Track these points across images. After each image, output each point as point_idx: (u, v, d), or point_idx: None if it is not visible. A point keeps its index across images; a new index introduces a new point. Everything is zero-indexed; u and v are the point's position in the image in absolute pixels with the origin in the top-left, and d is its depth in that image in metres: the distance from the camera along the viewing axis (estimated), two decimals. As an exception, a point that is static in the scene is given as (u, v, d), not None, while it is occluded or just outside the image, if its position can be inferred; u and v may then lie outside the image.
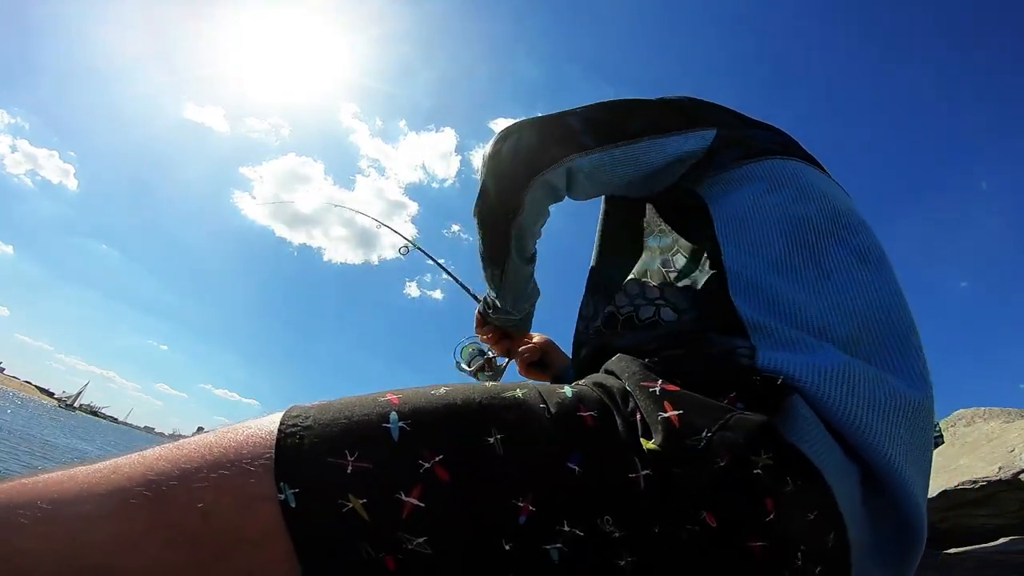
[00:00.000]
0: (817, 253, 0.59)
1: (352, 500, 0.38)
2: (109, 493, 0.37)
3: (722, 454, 0.42)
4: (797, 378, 0.48)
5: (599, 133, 0.67)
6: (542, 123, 0.69)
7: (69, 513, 0.36)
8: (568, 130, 0.68)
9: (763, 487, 0.43)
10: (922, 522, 0.50)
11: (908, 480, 0.49)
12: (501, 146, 0.69)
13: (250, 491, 0.38)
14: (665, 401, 0.45)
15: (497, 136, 0.71)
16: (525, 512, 0.40)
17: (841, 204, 0.67)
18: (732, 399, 0.46)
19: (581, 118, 0.69)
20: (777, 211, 0.63)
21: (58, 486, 0.37)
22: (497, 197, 0.71)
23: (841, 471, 0.46)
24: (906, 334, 0.57)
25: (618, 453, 0.43)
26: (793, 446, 0.45)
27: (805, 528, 0.44)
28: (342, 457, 0.39)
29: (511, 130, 0.70)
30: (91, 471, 0.39)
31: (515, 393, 0.46)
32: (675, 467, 0.42)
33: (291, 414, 0.42)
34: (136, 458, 0.40)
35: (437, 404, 0.43)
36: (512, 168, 0.69)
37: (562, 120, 0.69)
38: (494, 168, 0.70)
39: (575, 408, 0.46)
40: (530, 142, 0.68)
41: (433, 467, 0.39)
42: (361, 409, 0.43)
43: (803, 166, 0.69)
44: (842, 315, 0.55)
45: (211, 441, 0.40)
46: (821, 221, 0.63)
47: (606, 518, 0.40)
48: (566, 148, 0.67)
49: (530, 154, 0.68)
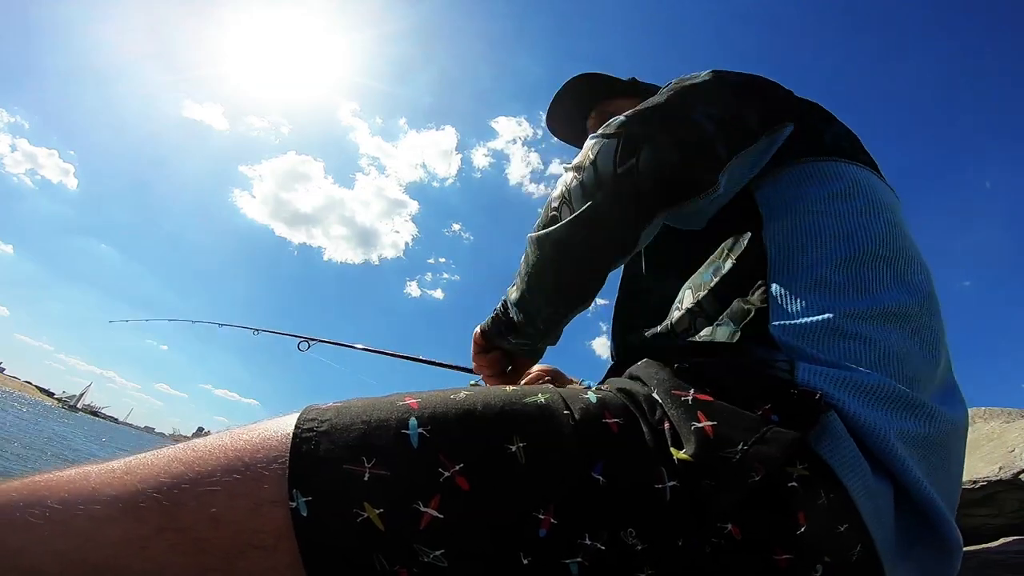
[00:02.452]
0: (871, 280, 0.54)
1: (368, 509, 0.37)
2: (119, 495, 0.36)
3: (757, 468, 0.40)
4: (835, 396, 0.47)
5: (731, 139, 0.57)
6: (674, 126, 0.56)
7: (79, 514, 0.36)
8: (704, 139, 0.56)
9: (797, 500, 0.42)
10: (957, 537, 0.48)
11: (939, 503, 0.47)
12: (635, 160, 0.54)
13: (262, 497, 0.37)
14: (699, 411, 0.44)
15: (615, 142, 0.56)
16: (546, 524, 0.38)
17: (905, 231, 0.60)
18: (766, 411, 0.45)
19: (709, 117, 0.57)
20: (840, 222, 0.57)
21: (70, 486, 0.37)
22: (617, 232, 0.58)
23: (871, 490, 0.45)
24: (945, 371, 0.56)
25: (644, 463, 0.42)
26: (824, 460, 0.44)
27: (833, 540, 0.43)
28: (359, 464, 0.38)
29: (635, 133, 0.55)
30: (104, 471, 0.38)
31: (537, 398, 0.45)
32: (706, 479, 0.41)
33: (307, 416, 0.41)
34: (150, 459, 0.39)
35: (457, 410, 0.42)
36: (654, 194, 0.55)
37: (691, 120, 0.56)
38: (625, 192, 0.55)
39: (600, 415, 0.44)
40: (672, 159, 0.55)
41: (453, 476, 0.38)
42: (379, 414, 0.41)
43: (874, 178, 0.62)
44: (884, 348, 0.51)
45: (226, 443, 0.40)
46: (883, 247, 0.57)
47: (629, 530, 0.39)
48: (707, 168, 0.56)
49: (674, 175, 0.55)
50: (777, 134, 0.60)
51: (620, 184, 0.54)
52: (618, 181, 0.54)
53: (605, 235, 0.58)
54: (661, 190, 0.55)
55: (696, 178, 0.55)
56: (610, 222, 0.57)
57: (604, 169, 0.55)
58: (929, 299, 0.57)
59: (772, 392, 0.46)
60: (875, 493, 0.45)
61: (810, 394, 0.46)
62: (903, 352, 0.52)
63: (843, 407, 0.46)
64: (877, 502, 0.45)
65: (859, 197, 0.59)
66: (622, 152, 0.55)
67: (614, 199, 0.55)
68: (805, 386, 0.47)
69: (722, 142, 0.56)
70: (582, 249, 0.59)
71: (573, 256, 0.60)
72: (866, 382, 0.48)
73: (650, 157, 0.54)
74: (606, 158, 0.55)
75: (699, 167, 0.55)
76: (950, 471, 0.51)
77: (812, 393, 0.46)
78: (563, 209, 0.59)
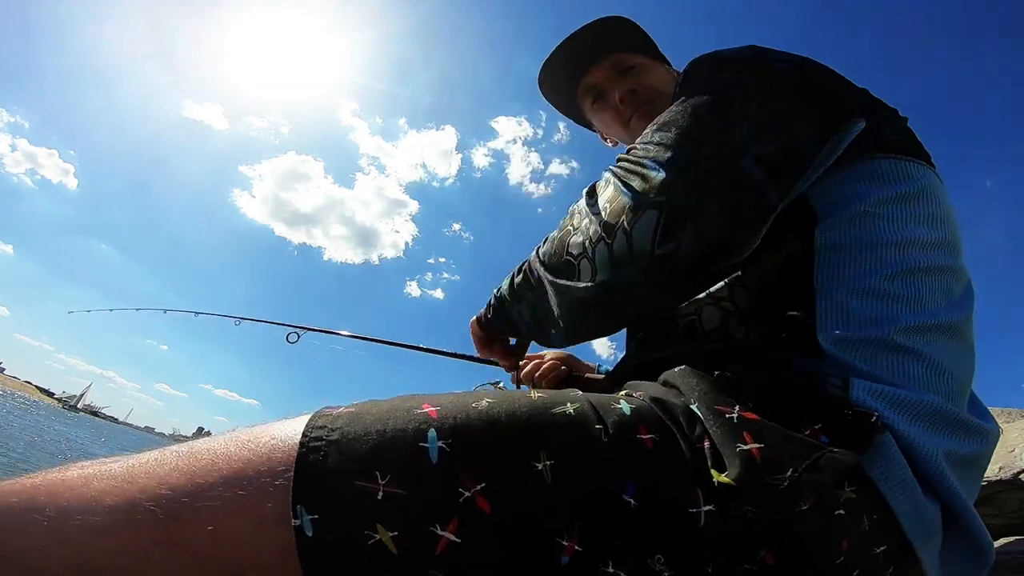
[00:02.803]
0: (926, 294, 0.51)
1: (381, 532, 0.34)
2: (116, 505, 0.35)
3: (807, 497, 0.38)
4: (888, 416, 0.44)
5: (781, 179, 0.51)
6: (723, 187, 0.50)
7: (76, 523, 0.35)
8: (754, 192, 0.50)
9: (842, 528, 0.40)
10: (989, 541, 0.48)
11: (974, 510, 0.47)
12: (677, 245, 0.49)
13: (265, 514, 0.35)
14: (745, 431, 0.41)
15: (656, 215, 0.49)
16: (569, 551, 0.36)
17: (959, 240, 0.57)
18: (815, 431, 0.42)
19: (757, 158, 0.50)
20: (898, 228, 0.53)
21: (69, 493, 0.36)
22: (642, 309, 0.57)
23: (920, 511, 0.44)
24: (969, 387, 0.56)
25: (680, 484, 0.39)
26: (873, 483, 0.42)
27: (869, 561, 0.42)
28: (372, 480, 0.35)
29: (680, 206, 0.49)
30: (105, 476, 0.37)
31: (567, 409, 0.42)
32: (750, 505, 0.38)
33: (316, 424, 0.38)
34: (152, 466, 0.37)
35: (480, 421, 0.39)
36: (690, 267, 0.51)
37: (741, 172, 0.50)
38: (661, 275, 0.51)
39: (634, 429, 0.41)
40: (720, 231, 0.50)
41: (474, 496, 0.35)
42: (395, 423, 0.38)
43: (936, 179, 0.57)
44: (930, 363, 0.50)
45: (230, 452, 0.37)
46: (940, 258, 0.53)
47: (658, 557, 0.37)
48: (754, 227, 0.51)
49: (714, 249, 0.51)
50: (845, 133, 0.53)
51: (658, 265, 0.50)
52: (656, 262, 0.50)
53: (632, 305, 0.56)
54: (700, 259, 0.51)
55: (740, 240, 0.51)
56: (640, 296, 0.54)
57: (640, 248, 0.50)
58: (972, 312, 0.55)
59: (823, 410, 0.44)
60: (924, 513, 0.44)
61: (866, 415, 0.43)
62: (952, 369, 0.50)
63: (896, 427, 0.44)
64: (926, 522, 0.44)
65: (921, 202, 0.54)
66: (663, 231, 0.49)
67: (647, 277, 0.51)
68: (859, 405, 0.44)
69: (774, 187, 0.50)
70: (604, 313, 0.57)
71: (593, 318, 0.58)
72: (918, 401, 0.46)
73: (695, 236, 0.49)
74: (643, 235, 0.50)
75: (746, 232, 0.51)
76: (978, 483, 0.52)
77: (868, 415, 0.43)
78: (583, 264, 0.54)
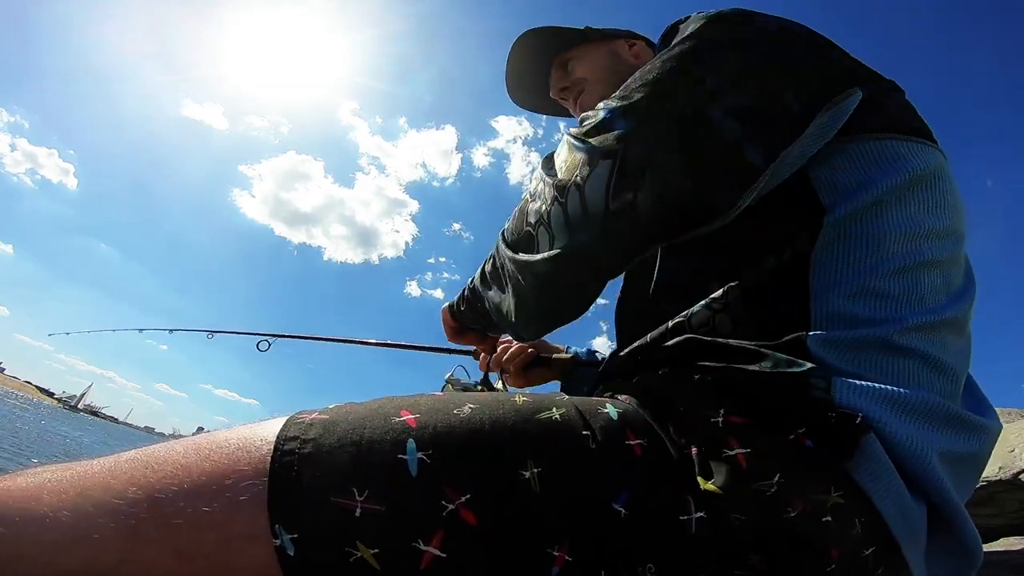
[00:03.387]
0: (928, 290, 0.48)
1: (361, 549, 0.33)
2: (74, 523, 0.32)
3: (794, 503, 0.38)
4: (874, 417, 0.42)
5: (765, 137, 0.46)
6: (687, 138, 0.45)
7: (31, 540, 0.32)
8: (726, 147, 0.45)
9: (831, 536, 0.39)
10: (978, 544, 0.47)
11: (964, 511, 0.46)
12: (633, 197, 0.45)
13: (236, 530, 0.33)
14: (730, 437, 0.40)
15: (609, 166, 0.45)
16: (560, 562, 0.35)
17: (964, 221, 0.53)
18: (800, 436, 0.41)
19: (730, 111, 0.46)
20: (905, 218, 0.49)
21: (20, 508, 0.33)
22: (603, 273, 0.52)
23: (906, 513, 0.43)
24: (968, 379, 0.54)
25: (670, 491, 0.38)
26: (860, 486, 0.41)
27: (860, 564, 0.41)
28: (349, 497, 0.33)
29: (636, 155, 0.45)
30: (58, 490, 0.34)
31: (552, 414, 0.40)
32: (737, 513, 0.37)
33: (287, 434, 0.36)
34: (106, 479, 0.35)
35: (462, 430, 0.37)
36: (651, 229, 0.47)
37: (709, 123, 0.45)
38: (618, 233, 0.47)
39: (622, 435, 0.40)
40: (683, 187, 0.46)
41: (458, 509, 0.34)
42: (372, 432, 0.36)
43: (942, 158, 0.52)
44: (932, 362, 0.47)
45: (191, 463, 0.35)
46: (945, 249, 0.50)
47: (649, 566, 0.36)
48: (732, 188, 0.46)
49: (683, 203, 0.46)
50: (840, 105, 0.48)
51: (613, 223, 0.46)
52: (610, 219, 0.46)
53: (591, 272, 0.51)
54: (664, 220, 0.47)
55: (712, 204, 0.46)
56: (598, 260, 0.50)
57: (593, 203, 0.46)
58: (974, 300, 0.52)
59: (807, 414, 0.42)
60: (910, 514, 0.43)
61: (850, 417, 0.41)
62: (952, 364, 0.48)
63: (884, 426, 0.43)
64: (912, 523, 0.43)
65: (928, 188, 0.50)
66: (617, 183, 0.45)
67: (604, 239, 0.47)
68: (843, 406, 0.43)
69: (753, 145, 0.45)
70: (566, 285, 0.52)
71: (556, 292, 0.53)
72: (911, 398, 0.44)
73: (653, 191, 0.45)
74: (596, 188, 0.46)
75: (718, 189, 0.46)
76: (974, 481, 0.50)
77: (852, 416, 0.41)
78: (541, 233, 0.51)
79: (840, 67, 0.51)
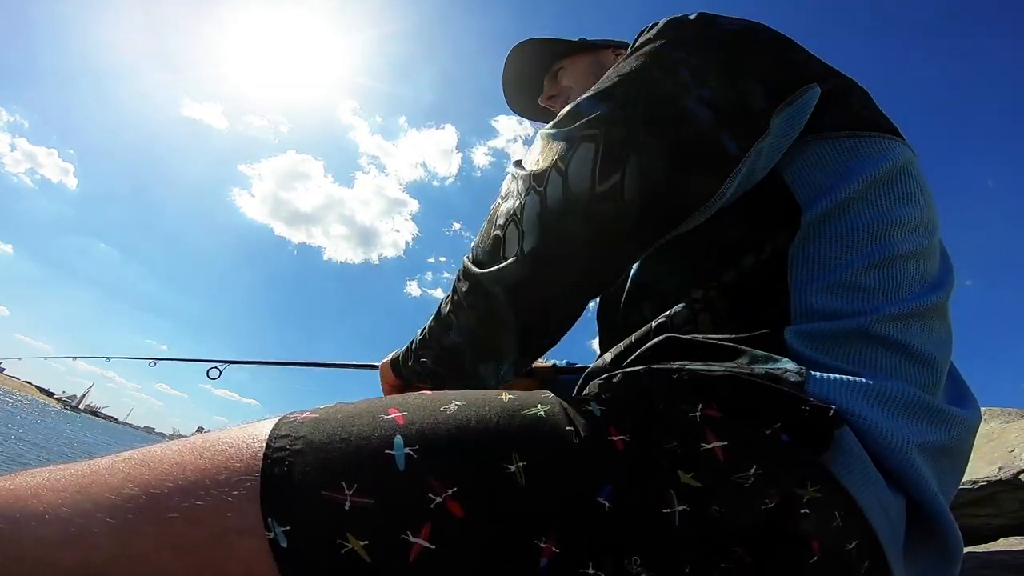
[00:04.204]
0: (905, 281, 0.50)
1: (352, 541, 0.34)
2: (70, 519, 0.33)
3: (771, 494, 0.39)
4: (849, 410, 0.43)
5: (736, 127, 0.46)
6: (665, 122, 0.46)
7: (30, 536, 0.33)
8: (702, 134, 0.46)
9: (810, 528, 0.40)
10: (959, 546, 0.47)
11: (946, 511, 0.46)
12: (621, 177, 0.44)
13: (229, 525, 0.34)
14: (707, 430, 0.41)
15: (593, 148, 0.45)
16: (547, 554, 0.36)
17: (935, 210, 0.54)
18: (776, 430, 0.42)
19: (701, 100, 0.46)
20: (877, 213, 0.50)
21: (20, 504, 0.34)
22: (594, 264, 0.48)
23: (885, 506, 0.43)
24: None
25: (652, 485, 0.39)
26: (836, 479, 0.42)
27: (842, 559, 0.42)
28: (339, 491, 0.35)
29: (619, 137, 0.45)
30: (57, 487, 0.35)
31: (537, 411, 0.41)
32: (715, 505, 0.38)
33: (279, 432, 0.38)
34: (104, 476, 0.36)
35: (448, 425, 0.39)
36: (643, 221, 0.46)
37: (684, 110, 0.46)
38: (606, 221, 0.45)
39: (605, 431, 0.41)
40: (667, 168, 0.45)
41: (445, 501, 0.35)
42: (360, 430, 0.38)
43: (907, 150, 0.54)
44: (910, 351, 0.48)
45: (185, 460, 0.36)
46: (919, 240, 0.52)
47: (635, 558, 0.37)
48: (716, 174, 0.46)
49: (668, 195, 0.46)
50: (800, 100, 0.49)
51: (600, 207, 0.44)
52: (598, 203, 0.44)
53: (573, 270, 0.48)
54: (651, 219, 0.47)
55: (695, 191, 0.47)
56: (580, 254, 0.47)
57: (578, 184, 0.44)
58: (952, 288, 0.53)
59: (782, 408, 0.43)
60: (889, 508, 0.44)
61: (823, 410, 0.42)
62: (933, 354, 0.49)
63: (859, 418, 0.43)
64: (890, 517, 0.44)
65: (897, 182, 0.52)
66: (603, 162, 0.44)
67: (589, 225, 0.45)
68: (817, 399, 0.43)
69: (728, 133, 0.46)
70: (547, 290, 0.49)
71: (534, 302, 0.49)
72: (888, 390, 0.45)
73: (640, 173, 0.44)
74: (581, 168, 0.44)
75: (700, 174, 0.46)
76: (957, 475, 0.50)
77: (825, 409, 0.42)
78: (510, 233, 0.48)
79: (798, 64, 0.53)
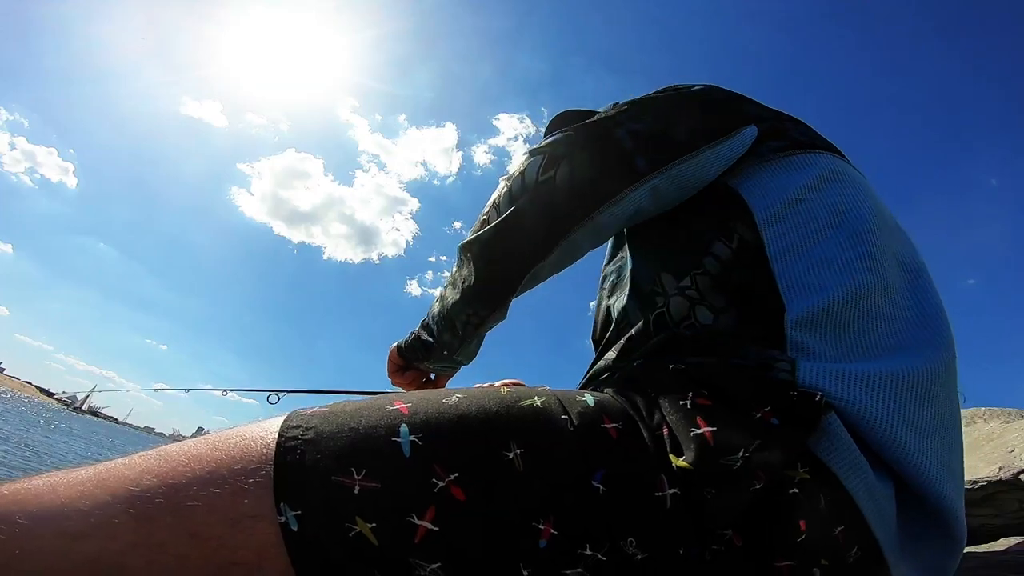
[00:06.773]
0: (876, 256, 0.55)
1: (360, 524, 0.35)
2: (89, 511, 0.35)
3: (759, 476, 0.40)
4: (836, 395, 0.46)
5: (651, 152, 0.59)
6: (591, 142, 0.61)
7: (48, 531, 0.34)
8: (621, 153, 0.59)
9: (798, 508, 0.42)
10: (962, 529, 0.49)
11: (946, 493, 0.47)
12: (553, 173, 0.59)
13: (242, 511, 0.36)
14: (698, 416, 0.43)
15: (541, 158, 0.61)
16: (546, 535, 0.37)
17: (885, 212, 0.62)
18: (766, 414, 0.44)
19: (629, 132, 0.60)
20: (830, 203, 0.58)
21: (38, 500, 0.35)
22: (535, 235, 0.60)
23: (873, 488, 0.45)
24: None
25: (645, 470, 0.41)
26: (823, 463, 0.44)
27: (830, 542, 0.43)
28: (348, 476, 0.36)
29: (558, 150, 0.60)
30: (73, 483, 0.36)
31: (533, 402, 0.44)
32: (707, 487, 0.40)
33: (290, 424, 0.40)
34: (122, 470, 0.37)
35: (450, 415, 0.41)
36: (568, 204, 0.59)
37: (612, 137, 0.60)
38: (542, 200, 0.60)
39: (599, 419, 0.43)
40: (585, 173, 0.59)
41: (448, 486, 0.37)
42: (368, 420, 0.40)
43: (847, 165, 0.64)
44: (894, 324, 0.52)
45: (201, 453, 0.38)
46: (876, 221, 0.58)
47: (630, 540, 0.39)
48: (621, 180, 0.59)
49: (584, 188, 0.59)
50: (736, 136, 0.61)
51: (539, 190, 0.60)
52: (537, 188, 0.60)
53: (525, 238, 0.61)
54: (574, 202, 0.59)
55: (605, 189, 0.59)
56: (529, 226, 0.60)
57: (529, 178, 0.61)
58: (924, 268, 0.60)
59: (772, 394, 0.45)
60: (876, 491, 0.45)
61: (810, 396, 0.44)
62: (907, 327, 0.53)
63: (845, 403, 0.45)
64: (879, 501, 0.45)
65: (841, 179, 0.60)
66: (544, 166, 0.60)
67: (533, 204, 0.60)
68: (805, 386, 0.46)
69: (641, 156, 0.59)
70: (503, 250, 0.62)
71: (495, 256, 0.63)
72: (871, 372, 0.47)
73: (566, 171, 0.59)
74: (532, 169, 0.61)
75: (610, 179, 0.59)
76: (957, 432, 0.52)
77: (812, 395, 0.44)
78: (492, 214, 0.64)
79: (743, 112, 0.65)
